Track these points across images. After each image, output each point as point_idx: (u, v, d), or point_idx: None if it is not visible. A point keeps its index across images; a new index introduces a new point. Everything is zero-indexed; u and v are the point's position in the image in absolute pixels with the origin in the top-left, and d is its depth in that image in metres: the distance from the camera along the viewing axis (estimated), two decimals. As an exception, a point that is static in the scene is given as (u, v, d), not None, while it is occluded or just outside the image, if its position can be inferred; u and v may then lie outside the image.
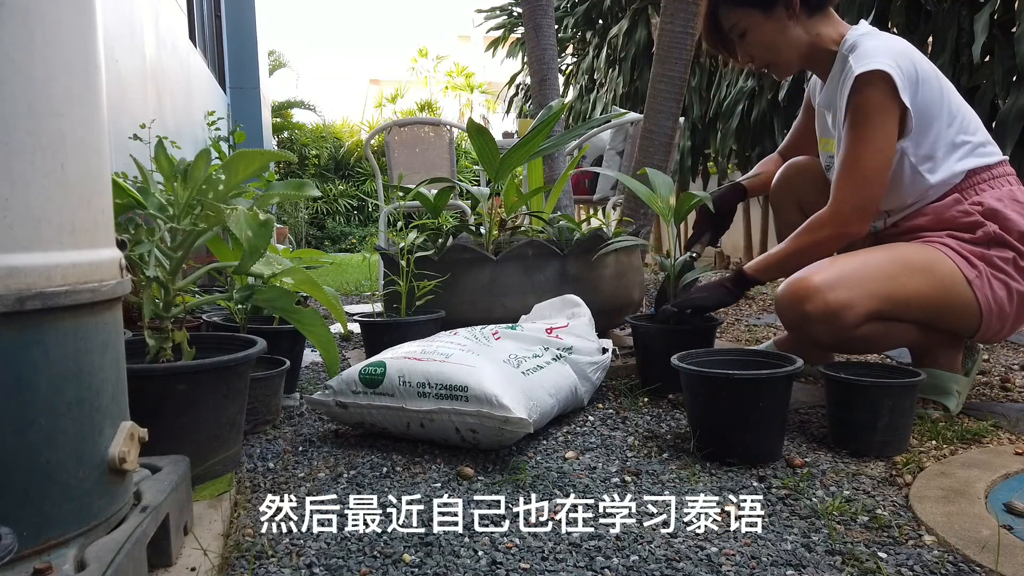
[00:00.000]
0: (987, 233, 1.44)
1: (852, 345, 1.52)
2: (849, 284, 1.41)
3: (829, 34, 1.58)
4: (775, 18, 1.56)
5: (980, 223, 1.45)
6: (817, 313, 1.40)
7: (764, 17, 1.56)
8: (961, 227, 1.47)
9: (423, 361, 1.42)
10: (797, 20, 1.56)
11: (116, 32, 3.19)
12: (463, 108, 17.79)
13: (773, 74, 1.69)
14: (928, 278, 1.43)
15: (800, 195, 1.77)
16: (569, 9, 7.68)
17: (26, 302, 0.71)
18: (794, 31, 1.57)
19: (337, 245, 12.07)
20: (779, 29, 1.57)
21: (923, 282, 1.43)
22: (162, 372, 1.15)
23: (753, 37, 1.59)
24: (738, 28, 1.60)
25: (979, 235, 1.45)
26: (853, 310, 1.39)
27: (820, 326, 1.42)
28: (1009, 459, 1.26)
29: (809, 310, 1.41)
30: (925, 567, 0.92)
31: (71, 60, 0.77)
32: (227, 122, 6.94)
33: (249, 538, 1.03)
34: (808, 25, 1.57)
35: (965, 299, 1.43)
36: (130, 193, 1.26)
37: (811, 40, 1.58)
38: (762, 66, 1.65)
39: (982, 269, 1.43)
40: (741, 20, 1.59)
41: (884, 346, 1.56)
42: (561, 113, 2.08)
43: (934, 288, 1.43)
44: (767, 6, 1.55)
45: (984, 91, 3.30)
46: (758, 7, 1.56)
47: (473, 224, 2.50)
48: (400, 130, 3.92)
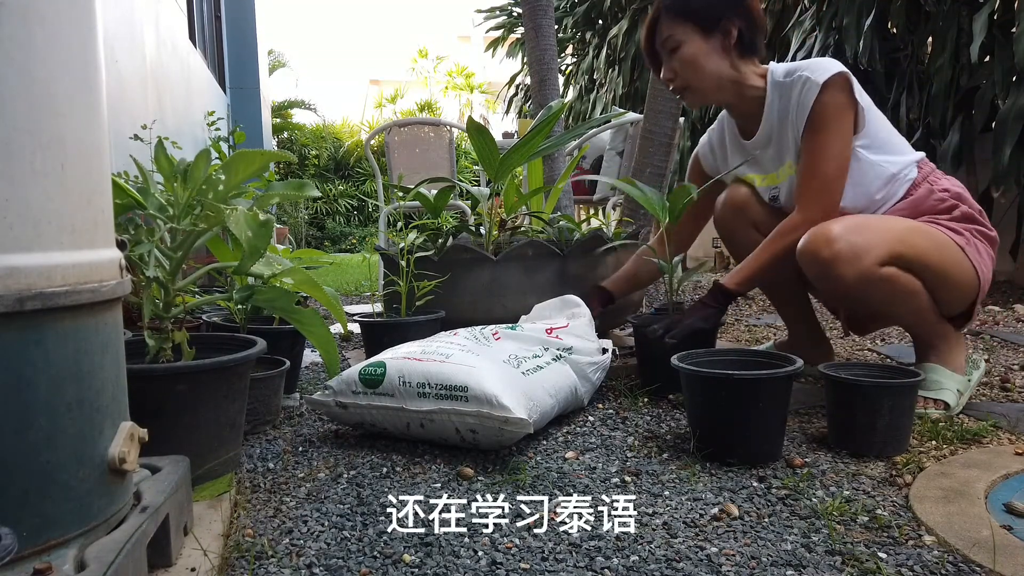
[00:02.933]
0: (963, 212, 1.60)
1: (874, 287, 1.49)
2: (867, 232, 1.48)
3: (753, 72, 1.67)
4: (710, 43, 1.63)
5: (955, 205, 1.60)
6: (843, 251, 1.45)
7: (701, 38, 1.63)
8: (940, 211, 1.60)
9: (423, 361, 1.42)
10: (727, 55, 1.64)
11: (116, 32, 3.19)
12: (463, 108, 17.80)
13: (686, 99, 1.74)
14: (931, 240, 1.54)
15: (753, 215, 1.79)
16: (569, 9, 7.69)
17: (26, 302, 0.71)
18: (721, 63, 1.64)
19: (337, 245, 12.07)
20: (709, 54, 1.64)
21: (927, 241, 1.53)
22: (162, 372, 1.15)
23: (683, 54, 1.65)
24: (671, 41, 1.66)
25: (957, 215, 1.60)
26: (874, 250, 1.46)
27: (846, 265, 1.45)
28: (1009, 459, 1.26)
29: (837, 248, 1.46)
30: (925, 567, 0.92)
31: (71, 60, 0.77)
32: (227, 122, 6.94)
33: (249, 538, 1.03)
34: (736, 63, 1.65)
35: (960, 260, 1.55)
36: (130, 193, 1.26)
37: (735, 77, 1.66)
38: (681, 86, 1.70)
39: (968, 237, 1.58)
40: (678, 34, 1.65)
41: (900, 300, 1.53)
42: (561, 113, 2.08)
43: (937, 248, 1.53)
44: (707, 29, 1.63)
45: (984, 91, 3.30)
46: (699, 27, 1.63)
47: (473, 224, 2.50)
48: (400, 130, 3.93)
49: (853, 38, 3.73)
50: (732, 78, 1.65)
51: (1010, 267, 3.61)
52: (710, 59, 1.63)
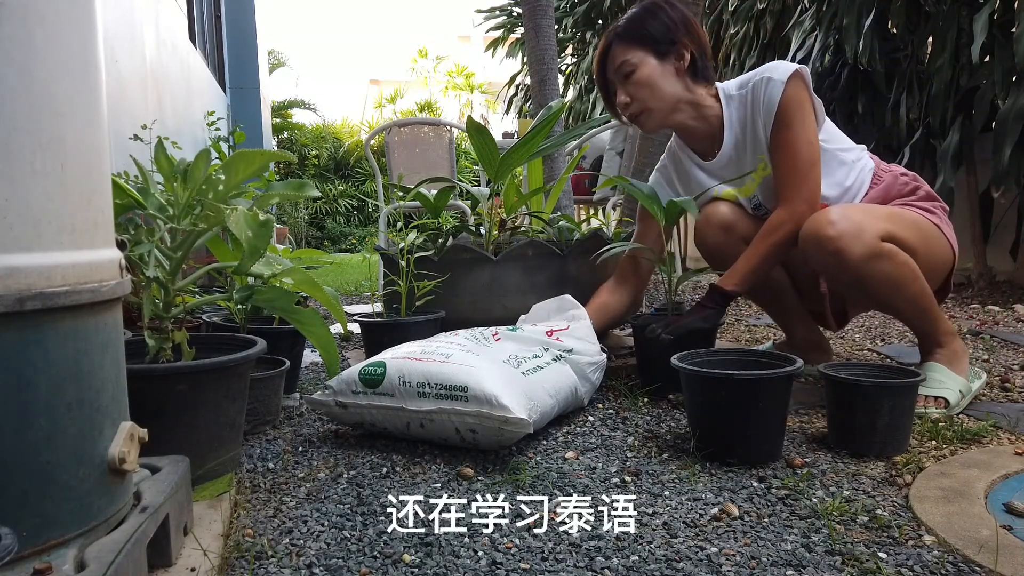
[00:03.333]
0: (925, 192, 1.71)
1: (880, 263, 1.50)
2: (861, 215, 1.53)
3: (707, 94, 1.73)
4: (664, 66, 1.68)
5: (917, 187, 1.71)
6: (847, 229, 1.49)
7: (656, 60, 1.68)
8: (907, 193, 1.71)
9: (423, 361, 1.42)
10: (681, 77, 1.69)
11: (116, 32, 3.19)
12: (463, 108, 17.81)
13: (642, 123, 1.76)
14: (911, 222, 1.61)
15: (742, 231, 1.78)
16: (569, 9, 7.69)
17: (26, 302, 0.71)
18: (676, 84, 1.69)
19: (337, 245, 12.07)
20: (664, 75, 1.68)
21: (909, 223, 1.60)
22: (162, 372, 1.15)
23: (639, 76, 1.68)
24: (626, 66, 1.69)
25: (922, 194, 1.70)
26: (873, 227, 1.51)
27: (853, 239, 1.48)
28: (1009, 459, 1.26)
29: (841, 228, 1.49)
30: (925, 567, 0.92)
31: (71, 60, 0.77)
32: (227, 122, 6.94)
33: (249, 538, 1.03)
34: (690, 85, 1.71)
35: (937, 235, 1.65)
36: (130, 193, 1.26)
37: (691, 99, 1.71)
38: (636, 111, 1.73)
39: (939, 213, 1.69)
40: (631, 58, 1.68)
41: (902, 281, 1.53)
42: (561, 113, 2.08)
43: (918, 228, 1.61)
44: (662, 53, 1.67)
45: (984, 91, 3.30)
46: (654, 50, 1.67)
47: (473, 224, 2.50)
48: (400, 130, 3.93)
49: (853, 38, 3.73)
50: (688, 99, 1.71)
51: (1010, 267, 3.61)
52: (666, 80, 1.68)
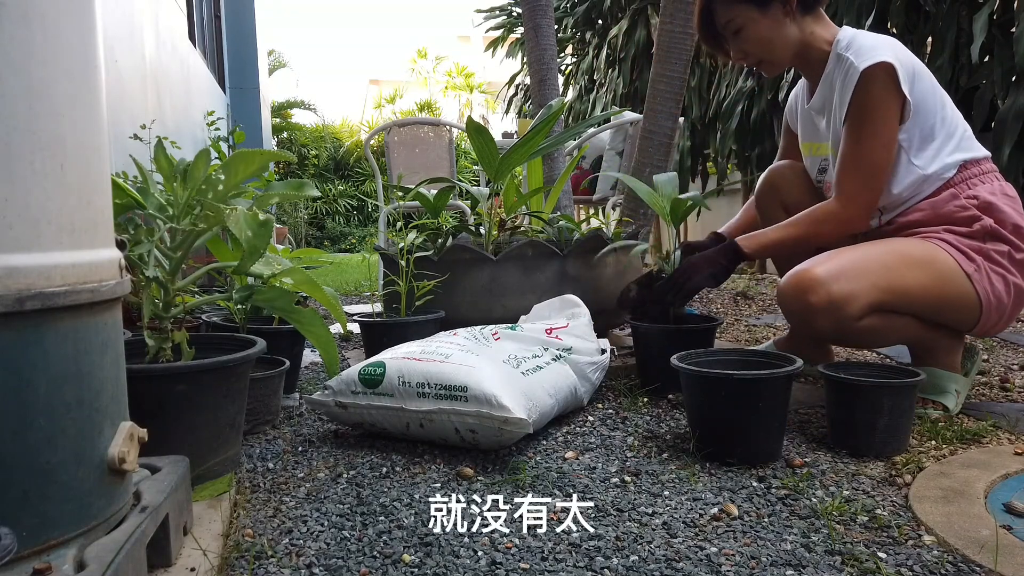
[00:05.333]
0: (984, 227, 1.46)
1: (854, 337, 1.51)
2: (851, 276, 1.42)
3: (822, 34, 1.60)
4: (770, 15, 1.58)
5: (976, 217, 1.47)
6: (821, 304, 1.41)
7: (760, 14, 1.58)
8: (958, 221, 1.49)
9: (423, 361, 1.42)
10: (792, 18, 1.58)
11: (116, 32, 3.19)
12: (463, 108, 17.80)
13: (764, 71, 1.70)
14: (928, 271, 1.45)
15: (784, 196, 1.77)
16: (569, 9, 7.68)
17: (26, 302, 0.71)
18: (789, 28, 1.59)
19: (337, 245, 12.07)
20: (774, 26, 1.58)
21: (923, 275, 1.45)
22: (161, 372, 1.15)
23: (748, 34, 1.60)
24: (733, 25, 1.61)
25: (976, 229, 1.47)
26: (856, 301, 1.41)
27: (823, 317, 1.42)
28: (1008, 459, 1.26)
29: (813, 301, 1.42)
30: (925, 567, 0.92)
31: (71, 60, 0.77)
32: (227, 122, 6.94)
33: (249, 538, 1.03)
34: (802, 23, 1.59)
35: (964, 292, 1.45)
36: (130, 193, 1.26)
37: (804, 39, 1.60)
38: (754, 63, 1.66)
39: (980, 263, 1.45)
40: (736, 17, 1.60)
41: (885, 339, 1.54)
42: (561, 113, 2.08)
43: (934, 281, 1.45)
44: (763, 3, 1.57)
45: (983, 91, 3.31)
46: (755, 4, 1.57)
47: (473, 224, 2.49)
48: (400, 130, 3.92)
49: (853, 38, 3.73)
50: (800, 40, 1.60)
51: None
52: (775, 31, 1.58)
